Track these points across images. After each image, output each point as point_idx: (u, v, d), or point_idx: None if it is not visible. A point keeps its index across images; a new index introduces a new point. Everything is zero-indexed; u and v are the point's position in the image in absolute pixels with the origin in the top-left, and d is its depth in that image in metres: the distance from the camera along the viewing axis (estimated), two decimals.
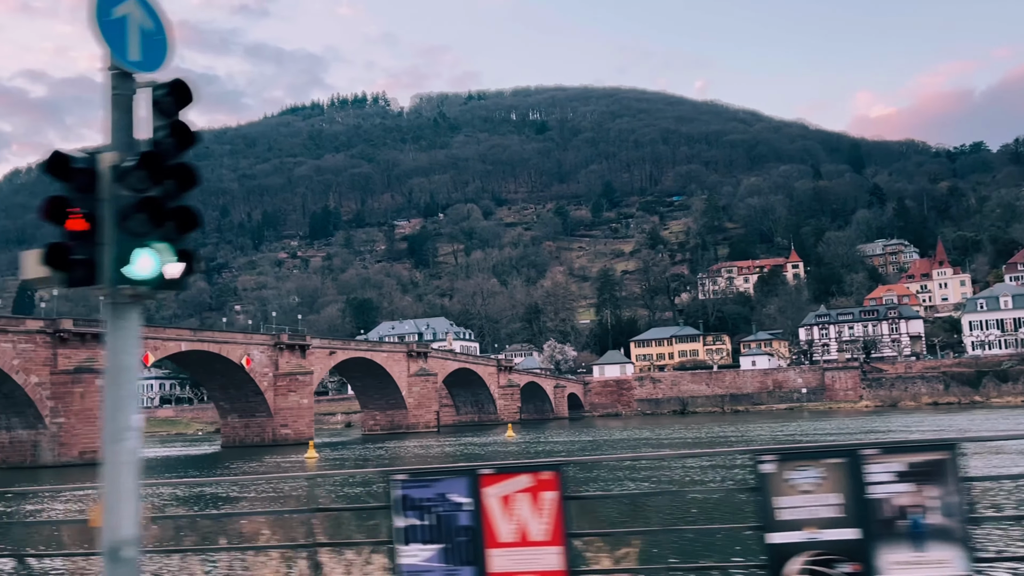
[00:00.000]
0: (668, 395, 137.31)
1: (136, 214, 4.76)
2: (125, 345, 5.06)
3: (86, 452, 61.80)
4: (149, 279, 4.91)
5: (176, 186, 5.05)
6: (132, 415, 5.04)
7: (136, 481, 4.92)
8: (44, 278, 4.91)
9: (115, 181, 4.83)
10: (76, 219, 4.77)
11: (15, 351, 59.59)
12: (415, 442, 74.92)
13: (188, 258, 5.19)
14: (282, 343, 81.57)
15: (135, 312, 5.13)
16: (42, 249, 4.77)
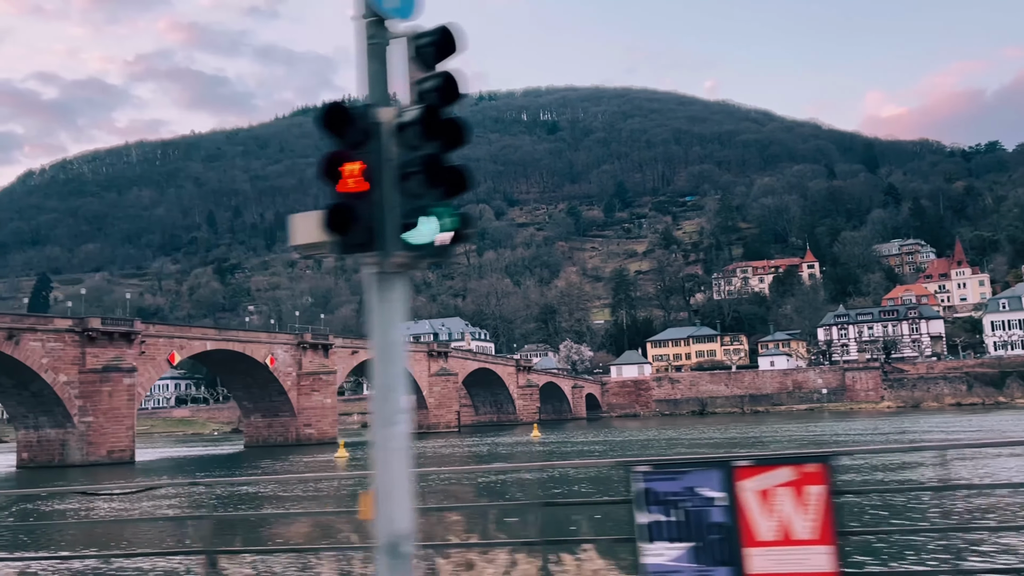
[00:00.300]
0: (686, 395, 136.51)
1: (416, 174, 4.32)
2: (393, 319, 4.62)
3: (114, 451, 61.72)
4: (426, 245, 4.48)
5: (446, 144, 4.59)
6: (403, 396, 4.61)
7: (409, 469, 4.49)
8: (318, 244, 4.48)
9: (394, 137, 4.38)
10: (353, 179, 4.34)
11: (44, 350, 59.44)
12: (441, 442, 74.51)
13: (466, 223, 4.75)
14: (305, 342, 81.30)
15: (402, 282, 4.69)
16: (324, 211, 4.33)
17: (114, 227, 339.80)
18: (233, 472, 51.97)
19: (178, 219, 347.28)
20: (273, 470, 47.61)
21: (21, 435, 63.42)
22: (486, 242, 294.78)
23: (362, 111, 4.49)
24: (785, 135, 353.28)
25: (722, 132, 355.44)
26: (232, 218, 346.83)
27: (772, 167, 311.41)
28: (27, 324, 59.12)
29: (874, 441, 52.10)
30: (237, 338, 75.91)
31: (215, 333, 75.25)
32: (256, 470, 48.87)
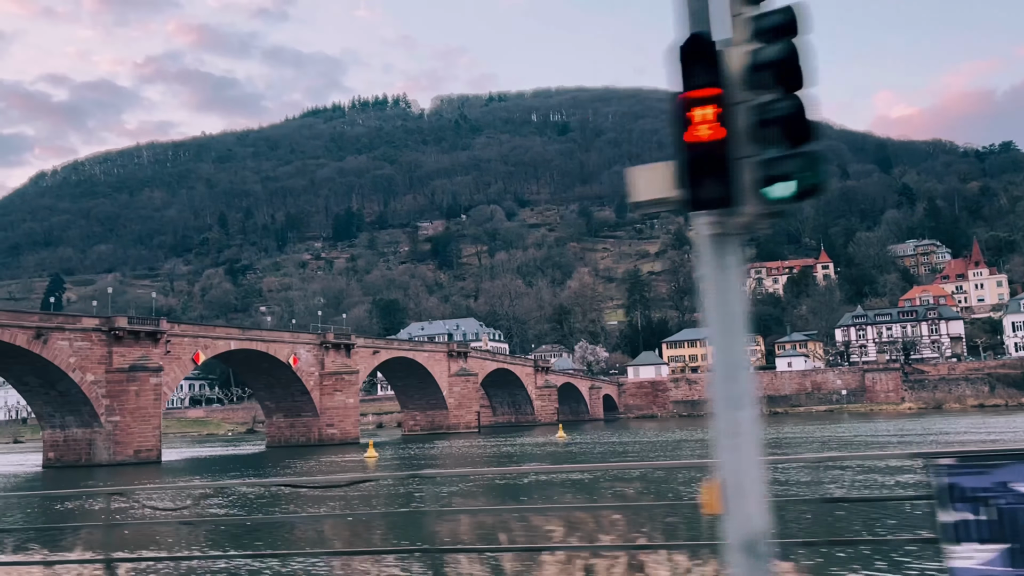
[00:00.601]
0: (704, 396, 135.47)
1: (771, 122, 3.82)
2: (733, 287, 4.12)
3: (141, 451, 61.43)
4: (783, 199, 3.97)
5: (790, 88, 4.06)
6: (748, 376, 4.11)
7: (760, 458, 3.98)
8: (662, 200, 3.98)
9: (746, 79, 3.88)
10: (707, 125, 3.83)
11: (71, 349, 59.17)
12: (464, 442, 74.01)
13: (822, 177, 4.23)
14: (328, 342, 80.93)
15: (739, 246, 4.19)
16: (674, 162, 3.82)
17: (126, 228, 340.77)
18: (262, 471, 51.55)
19: (189, 220, 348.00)
20: (320, 469, 47.16)
21: (47, 434, 63.22)
22: (497, 243, 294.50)
23: (719, 50, 3.96)
24: None
25: None
26: (243, 219, 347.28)
27: None
28: (55, 323, 58.87)
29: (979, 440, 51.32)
30: (261, 338, 75.57)
31: (239, 333, 74.92)
32: (340, 469, 48.26)
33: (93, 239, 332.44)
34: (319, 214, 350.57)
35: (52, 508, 29.50)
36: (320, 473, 44.81)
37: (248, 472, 49.68)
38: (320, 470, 47.13)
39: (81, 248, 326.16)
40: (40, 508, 29.77)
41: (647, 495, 22.87)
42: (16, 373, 60.37)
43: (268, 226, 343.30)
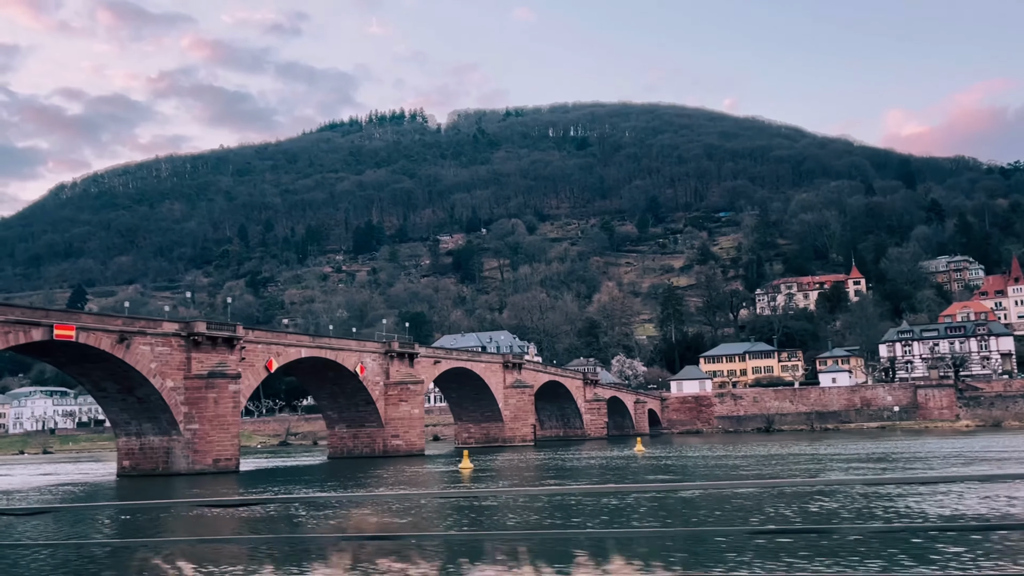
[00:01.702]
0: (749, 412, 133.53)
1: None
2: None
3: (220, 460, 59.75)
4: None
5: None
6: None
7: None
8: None
9: None
10: None
11: (153, 354, 57.65)
12: (538, 455, 72.10)
13: None
14: (393, 351, 79.27)
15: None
16: None
17: (146, 240, 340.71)
18: (342, 485, 49.75)
19: (209, 232, 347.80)
20: (434, 479, 45.31)
21: (122, 442, 61.57)
22: (520, 256, 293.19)
23: None
24: (818, 151, 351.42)
25: (754, 148, 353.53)
26: (263, 232, 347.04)
27: (807, 183, 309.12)
28: (137, 327, 57.35)
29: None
30: (329, 345, 73.93)
31: (309, 340, 73.34)
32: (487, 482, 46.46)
33: (113, 251, 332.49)
34: (339, 227, 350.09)
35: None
36: (430, 484, 42.96)
37: (350, 483, 47.81)
38: (438, 480, 45.27)
39: (102, 260, 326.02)
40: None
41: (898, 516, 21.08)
42: (95, 378, 58.87)
43: (288, 239, 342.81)
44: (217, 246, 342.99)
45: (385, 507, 25.84)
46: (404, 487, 38.61)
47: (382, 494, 24.13)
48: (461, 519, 26.02)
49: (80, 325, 52.94)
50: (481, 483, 41.83)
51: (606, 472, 48.77)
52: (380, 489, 37.42)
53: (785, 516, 23.30)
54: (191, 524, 26.38)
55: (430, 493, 11.21)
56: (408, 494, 9.66)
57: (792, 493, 26.88)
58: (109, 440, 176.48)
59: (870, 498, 25.35)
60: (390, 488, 37.04)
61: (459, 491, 31.50)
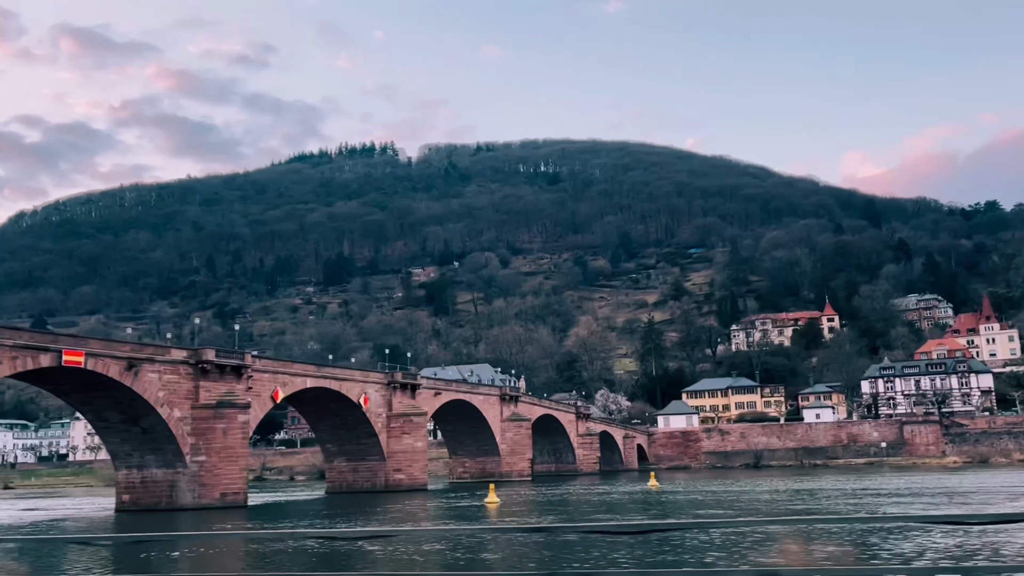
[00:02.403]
0: (737, 448, 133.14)
1: None
2: None
3: (227, 494, 57.08)
4: None
5: None
6: None
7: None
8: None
9: None
10: None
11: (161, 382, 55.11)
12: (550, 491, 70.24)
13: None
14: (396, 382, 77.27)
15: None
16: None
17: (110, 270, 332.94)
18: (354, 520, 47.67)
19: (175, 262, 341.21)
20: (481, 517, 43.41)
21: (122, 476, 58.51)
22: (493, 290, 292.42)
23: None
24: (785, 190, 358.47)
25: (723, 186, 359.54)
26: (232, 262, 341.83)
27: (776, 221, 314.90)
28: (145, 354, 54.81)
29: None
30: (334, 375, 71.71)
31: (314, 370, 71.00)
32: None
33: (75, 280, 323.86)
34: (309, 259, 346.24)
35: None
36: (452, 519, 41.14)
37: (359, 518, 45.70)
38: (472, 515, 43.41)
39: (63, 289, 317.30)
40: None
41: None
42: (97, 407, 56.02)
43: (257, 270, 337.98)
44: (184, 276, 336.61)
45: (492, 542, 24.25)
46: (461, 522, 36.75)
47: (461, 528, 22.49)
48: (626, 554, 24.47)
49: (89, 351, 50.40)
50: (539, 516, 40.12)
51: (648, 507, 47.39)
52: (444, 523, 35.62)
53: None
54: (340, 558, 24.28)
55: (523, 527, 10.32)
56: (496, 528, 8.79)
57: (898, 528, 25.98)
58: (73, 475, 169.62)
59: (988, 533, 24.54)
60: (443, 524, 35.18)
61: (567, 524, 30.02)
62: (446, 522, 39.98)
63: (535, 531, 6.12)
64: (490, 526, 22.68)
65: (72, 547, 26.18)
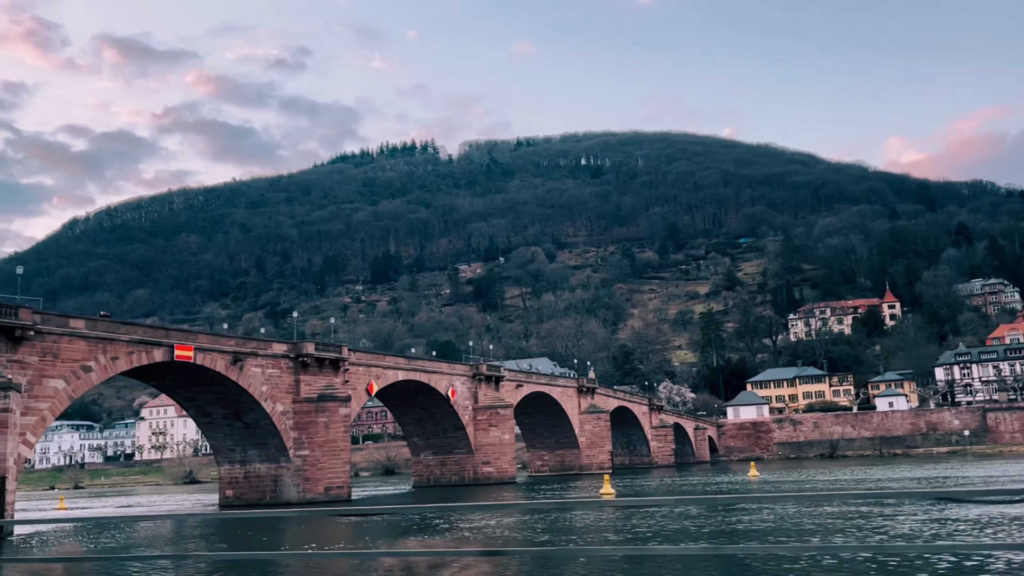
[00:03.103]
0: (810, 438, 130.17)
1: None
2: None
3: (331, 488, 56.60)
4: None
5: None
6: None
7: None
8: None
9: None
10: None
11: (264, 376, 54.77)
12: (669, 479, 68.83)
13: None
14: (481, 374, 76.41)
15: None
16: None
17: (162, 273, 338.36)
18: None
19: (225, 264, 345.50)
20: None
21: (224, 471, 58.40)
22: (541, 284, 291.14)
23: None
24: (835, 176, 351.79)
25: (771, 174, 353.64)
26: (281, 263, 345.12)
27: (826, 208, 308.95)
28: (249, 348, 54.52)
29: None
30: (423, 368, 71.04)
31: (405, 362, 70.41)
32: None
33: (130, 284, 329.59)
34: (356, 257, 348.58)
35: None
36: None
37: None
38: (596, 506, 42.15)
39: (118, 293, 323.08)
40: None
41: None
42: (201, 403, 55.91)
43: (306, 270, 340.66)
44: (234, 278, 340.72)
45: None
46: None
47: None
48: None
49: (197, 346, 50.18)
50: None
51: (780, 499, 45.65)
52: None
53: None
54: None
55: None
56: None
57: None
58: (140, 474, 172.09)
59: None
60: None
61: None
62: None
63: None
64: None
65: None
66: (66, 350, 43.04)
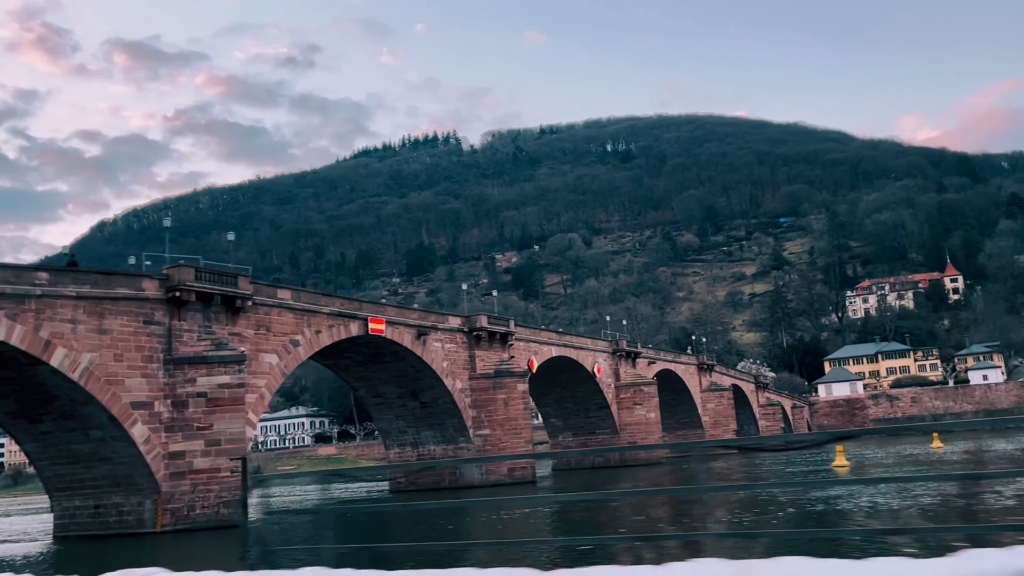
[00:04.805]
0: (908, 413, 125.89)
1: None
2: None
3: (515, 468, 52.85)
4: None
5: None
6: None
7: None
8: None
9: None
10: None
11: (444, 351, 51.05)
12: (859, 449, 64.85)
13: None
14: (621, 350, 72.55)
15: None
16: None
17: None
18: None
19: (258, 261, 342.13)
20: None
21: (394, 455, 54.74)
22: (582, 270, 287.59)
23: None
24: (871, 152, 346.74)
25: (807, 152, 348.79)
26: (314, 258, 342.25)
27: (867, 184, 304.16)
28: (430, 322, 50.81)
29: None
30: (571, 343, 67.24)
31: (556, 337, 66.62)
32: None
33: None
34: (388, 250, 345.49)
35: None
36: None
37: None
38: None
39: None
40: None
41: None
42: (374, 382, 52.21)
43: (340, 264, 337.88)
44: (267, 274, 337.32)
45: None
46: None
47: None
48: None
49: (388, 319, 46.48)
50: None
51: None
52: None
53: None
54: None
55: None
56: None
57: None
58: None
59: None
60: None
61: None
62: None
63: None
64: None
65: None
66: (276, 323, 39.43)
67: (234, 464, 32.44)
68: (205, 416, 33.10)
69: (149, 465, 32.01)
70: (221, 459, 33.01)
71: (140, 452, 31.84)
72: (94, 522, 33.67)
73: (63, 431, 32.46)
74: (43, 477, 34.48)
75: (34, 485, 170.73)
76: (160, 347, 33.69)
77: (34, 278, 29.91)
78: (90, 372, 30.58)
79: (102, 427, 31.71)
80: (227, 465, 32.66)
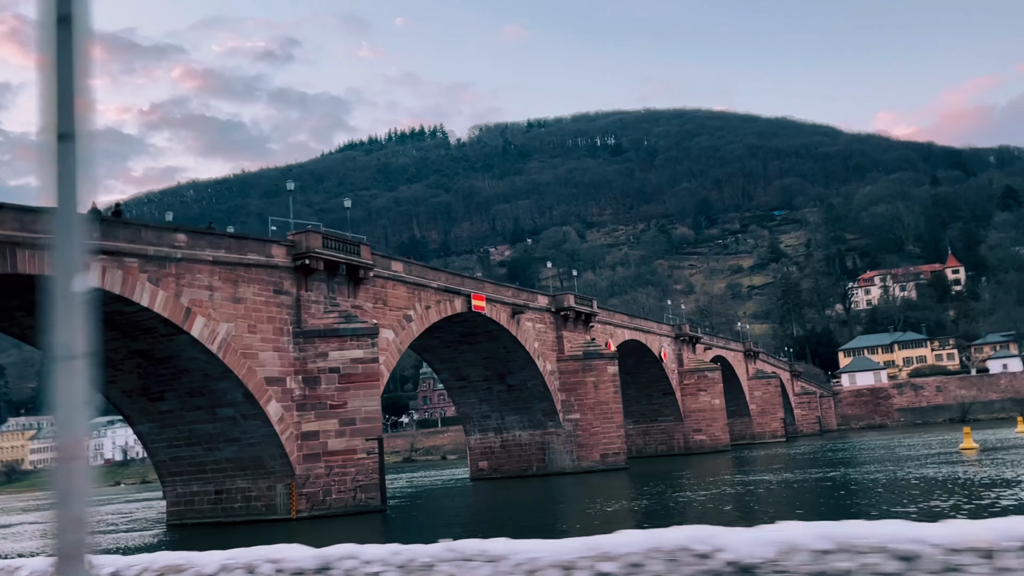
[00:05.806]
0: (934, 402, 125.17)
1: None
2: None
3: (608, 455, 50.35)
4: None
5: None
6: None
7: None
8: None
9: None
10: None
11: (535, 332, 48.37)
12: (882, 439, 63.09)
13: None
14: (684, 335, 70.32)
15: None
16: None
17: None
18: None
19: None
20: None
21: (475, 440, 52.00)
22: (577, 263, 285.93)
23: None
24: (861, 146, 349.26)
25: (798, 146, 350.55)
26: None
27: (858, 177, 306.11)
28: (522, 300, 48.12)
29: None
30: (640, 327, 64.83)
31: (628, 320, 64.15)
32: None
33: None
34: (380, 244, 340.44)
35: None
36: None
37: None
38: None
39: None
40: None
41: None
42: (459, 364, 49.41)
43: None
44: None
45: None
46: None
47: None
48: None
49: (488, 296, 43.76)
50: None
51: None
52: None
53: None
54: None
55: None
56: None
57: None
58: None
59: None
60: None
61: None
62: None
63: None
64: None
65: None
66: (391, 296, 36.63)
67: (370, 445, 29.66)
68: (339, 393, 30.27)
69: (284, 446, 29.13)
70: (357, 440, 30.20)
71: (275, 431, 28.95)
72: (215, 508, 30.73)
73: (187, 409, 29.46)
74: (156, 461, 31.41)
75: (34, 485, 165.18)
76: (289, 319, 30.77)
77: (174, 239, 26.96)
78: (227, 344, 27.66)
79: (234, 404, 28.77)
80: (363, 446, 29.89)
